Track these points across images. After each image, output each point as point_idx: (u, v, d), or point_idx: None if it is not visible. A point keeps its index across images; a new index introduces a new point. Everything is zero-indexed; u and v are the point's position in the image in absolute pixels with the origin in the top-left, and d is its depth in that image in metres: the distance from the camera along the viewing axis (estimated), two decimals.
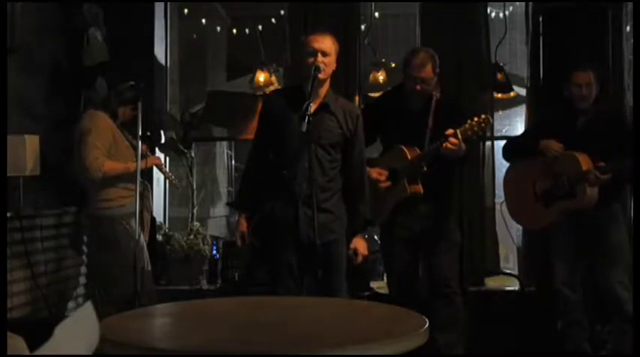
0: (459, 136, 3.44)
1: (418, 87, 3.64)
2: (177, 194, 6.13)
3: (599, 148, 3.74)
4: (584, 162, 3.74)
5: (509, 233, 5.11)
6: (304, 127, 2.95)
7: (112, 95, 3.94)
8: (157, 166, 4.28)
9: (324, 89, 3.28)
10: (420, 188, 3.65)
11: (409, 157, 3.66)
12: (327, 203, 3.23)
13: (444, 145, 3.46)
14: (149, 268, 3.92)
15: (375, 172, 3.72)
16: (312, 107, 3.06)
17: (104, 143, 3.77)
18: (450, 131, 3.45)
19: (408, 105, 3.75)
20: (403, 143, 3.70)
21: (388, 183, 3.74)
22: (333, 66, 3.26)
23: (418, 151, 3.64)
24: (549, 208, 3.92)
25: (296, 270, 3.24)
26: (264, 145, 3.37)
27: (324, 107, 3.26)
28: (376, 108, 4.02)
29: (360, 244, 3.34)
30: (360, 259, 3.34)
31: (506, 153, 4.19)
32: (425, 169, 3.61)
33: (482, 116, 3.48)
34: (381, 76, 5.83)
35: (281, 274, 3.26)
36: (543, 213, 3.95)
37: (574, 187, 3.79)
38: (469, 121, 3.46)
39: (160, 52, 5.23)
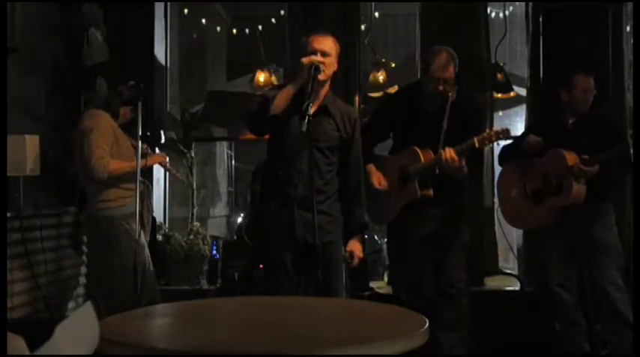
0: (476, 144, 3.44)
1: (441, 88, 3.59)
2: (177, 194, 6.14)
3: (590, 147, 3.74)
4: (570, 158, 3.74)
5: (507, 233, 5.12)
6: (304, 127, 2.89)
7: (113, 95, 3.93)
8: (161, 163, 4.26)
9: (323, 91, 3.22)
10: (430, 193, 3.62)
11: (422, 160, 3.61)
12: (322, 205, 3.18)
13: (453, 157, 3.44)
14: (152, 268, 3.91)
15: (375, 180, 3.68)
16: (312, 108, 3.00)
17: (107, 143, 3.75)
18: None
19: (424, 105, 3.72)
20: (416, 144, 3.65)
21: (386, 190, 3.71)
22: (333, 67, 3.19)
23: (432, 154, 3.59)
24: (540, 206, 3.91)
25: (292, 271, 3.21)
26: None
27: (322, 109, 3.21)
28: (391, 105, 4.00)
29: (356, 247, 3.31)
30: (356, 261, 3.32)
31: (501, 159, 4.20)
32: (437, 172, 3.58)
33: (502, 128, 3.48)
34: (381, 76, 5.84)
35: (277, 276, 3.24)
36: (535, 212, 3.94)
37: (561, 184, 3.79)
38: (488, 131, 3.47)
39: (160, 52, 5.23)
